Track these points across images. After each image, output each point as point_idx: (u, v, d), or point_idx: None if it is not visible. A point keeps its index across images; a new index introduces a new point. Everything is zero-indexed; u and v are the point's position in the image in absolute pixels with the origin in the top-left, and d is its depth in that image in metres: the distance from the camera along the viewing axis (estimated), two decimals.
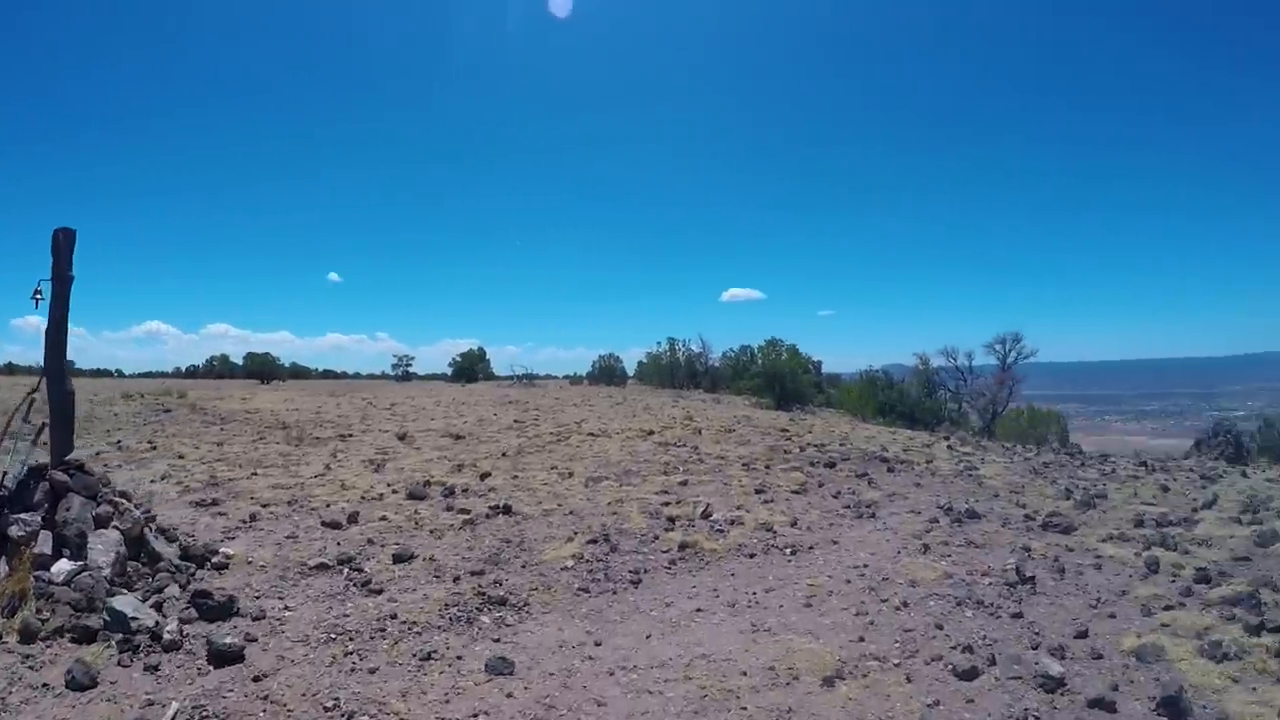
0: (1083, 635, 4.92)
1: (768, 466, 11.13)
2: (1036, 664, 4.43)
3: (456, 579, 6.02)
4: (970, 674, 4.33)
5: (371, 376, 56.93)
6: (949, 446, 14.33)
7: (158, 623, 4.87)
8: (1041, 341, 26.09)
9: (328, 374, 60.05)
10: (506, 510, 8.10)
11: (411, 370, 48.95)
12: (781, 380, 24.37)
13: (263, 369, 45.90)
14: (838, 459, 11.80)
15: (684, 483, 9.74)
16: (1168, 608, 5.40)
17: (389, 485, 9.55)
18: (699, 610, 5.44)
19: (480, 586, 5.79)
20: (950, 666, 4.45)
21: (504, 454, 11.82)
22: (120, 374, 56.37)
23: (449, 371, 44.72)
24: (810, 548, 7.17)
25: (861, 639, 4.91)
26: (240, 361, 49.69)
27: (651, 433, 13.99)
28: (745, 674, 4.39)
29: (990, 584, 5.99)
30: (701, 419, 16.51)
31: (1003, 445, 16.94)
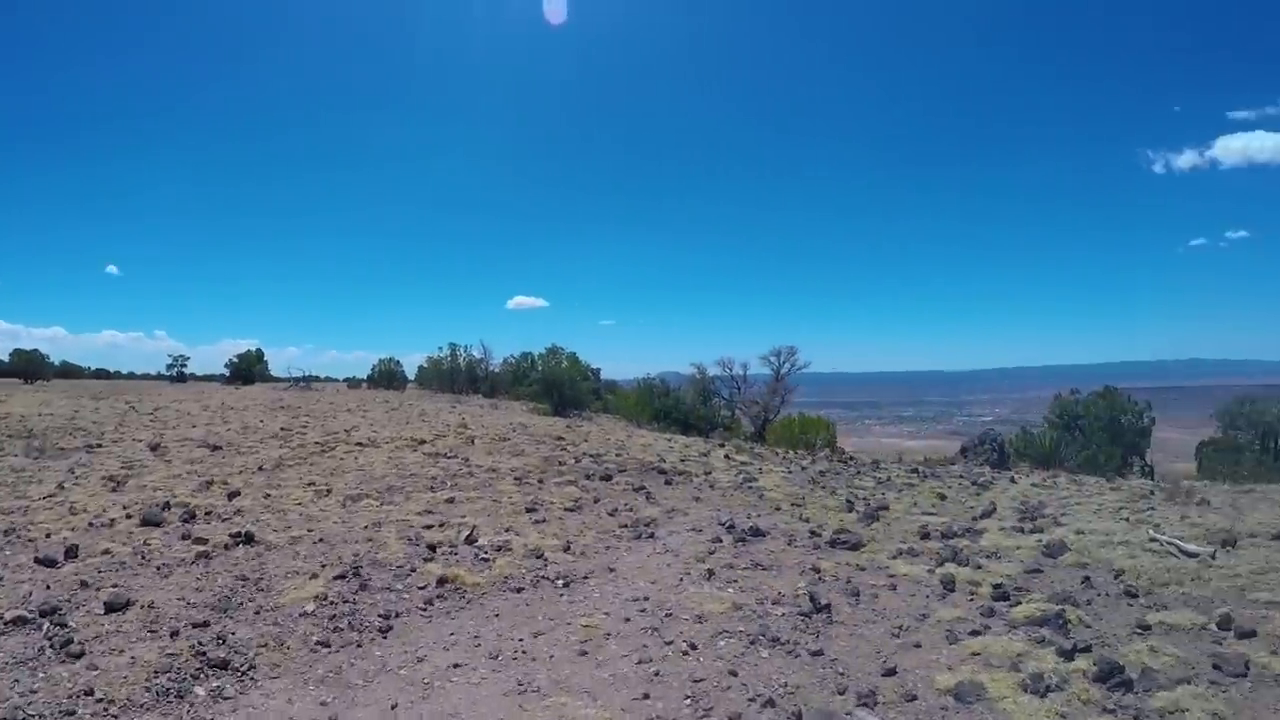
0: (891, 673, 4.65)
1: (541, 481, 10.89)
2: (848, 715, 4.01)
3: (175, 633, 5.34)
4: None
5: (146, 377, 57.01)
6: (726, 456, 14.45)
7: None
8: (809, 354, 28.24)
9: (100, 374, 58.61)
10: (248, 539, 7.51)
11: (187, 371, 48.97)
12: (560, 387, 25.85)
13: (28, 367, 44.02)
14: (614, 470, 11.60)
15: (451, 500, 9.51)
16: (974, 633, 5.33)
17: (124, 509, 8.77)
18: (456, 665, 4.98)
19: (201, 644, 5.15)
20: None
21: (261, 468, 11.44)
22: None
23: (226, 373, 45.32)
24: (585, 577, 6.58)
25: (646, 696, 4.35)
26: (5, 358, 47.33)
27: (423, 442, 14.01)
28: None
29: (784, 615, 5.66)
30: (476, 426, 16.75)
31: (775, 451, 17.48)
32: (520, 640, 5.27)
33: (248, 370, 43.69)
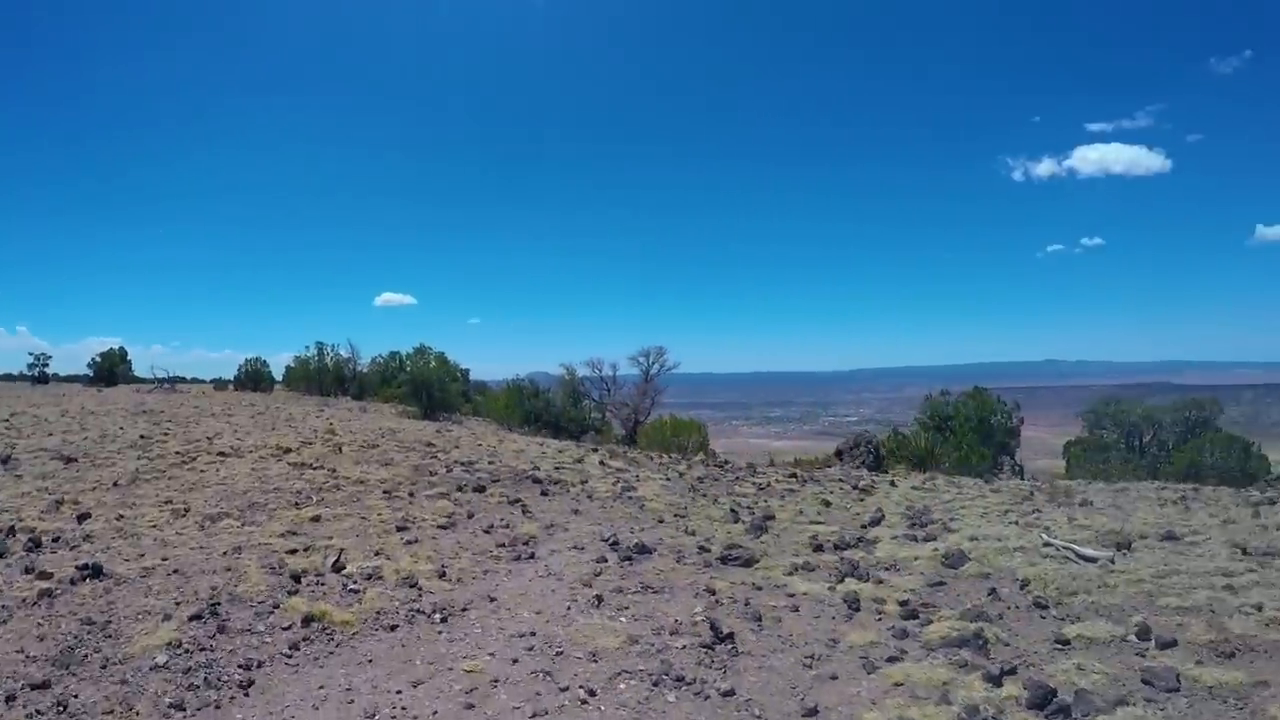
0: (813, 714, 4.29)
1: (411, 494, 10.32)
2: None
3: (11, 698, 4.74)
4: None
5: (7, 378, 50.23)
6: (601, 463, 14.01)
7: None
8: (678, 355, 28.68)
9: None
10: (96, 572, 6.79)
11: (49, 371, 45.61)
12: (429, 388, 26.02)
13: None
14: (487, 481, 11.20)
15: (317, 518, 8.91)
16: (891, 659, 5.12)
17: None
18: None
19: (38, 712, 4.57)
20: None
21: (116, 483, 10.68)
22: None
23: (90, 373, 42.84)
24: (464, 609, 6.02)
25: None
26: None
27: (288, 451, 13.37)
28: None
29: (684, 647, 5.25)
30: (344, 432, 16.28)
31: (649, 456, 17.22)
32: (398, 693, 4.74)
33: (111, 370, 41.24)
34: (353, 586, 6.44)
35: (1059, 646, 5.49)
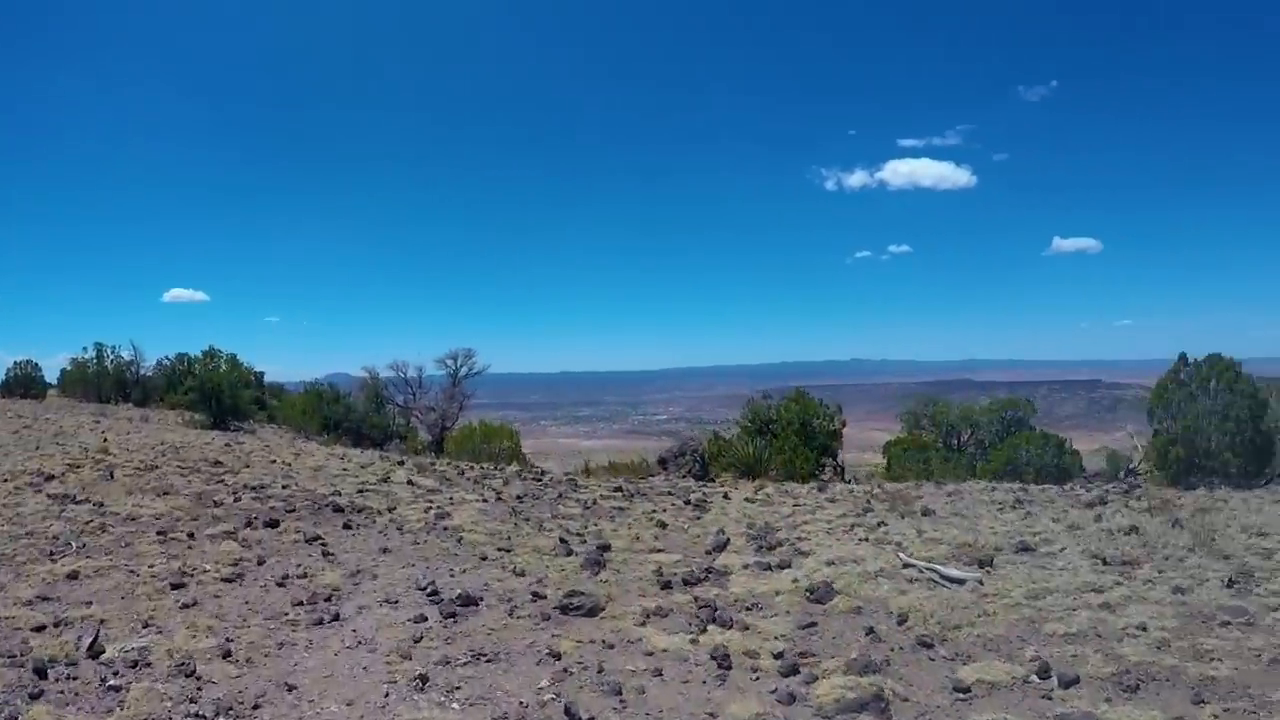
0: None
1: (192, 534, 8.77)
2: None
3: None
4: None
5: None
6: (410, 481, 12.78)
7: None
8: (484, 354, 28.50)
9: None
10: None
11: None
12: (218, 395, 25.21)
13: None
14: (282, 510, 9.97)
15: (74, 575, 7.27)
16: None
17: None
18: None
19: None
20: None
21: None
22: None
23: None
24: (255, 705, 4.74)
25: None
26: None
27: (50, 478, 11.64)
28: None
29: None
30: (120, 451, 14.58)
31: (459, 468, 16.13)
32: None
33: None
34: (113, 681, 4.98)
35: (961, 697, 4.98)
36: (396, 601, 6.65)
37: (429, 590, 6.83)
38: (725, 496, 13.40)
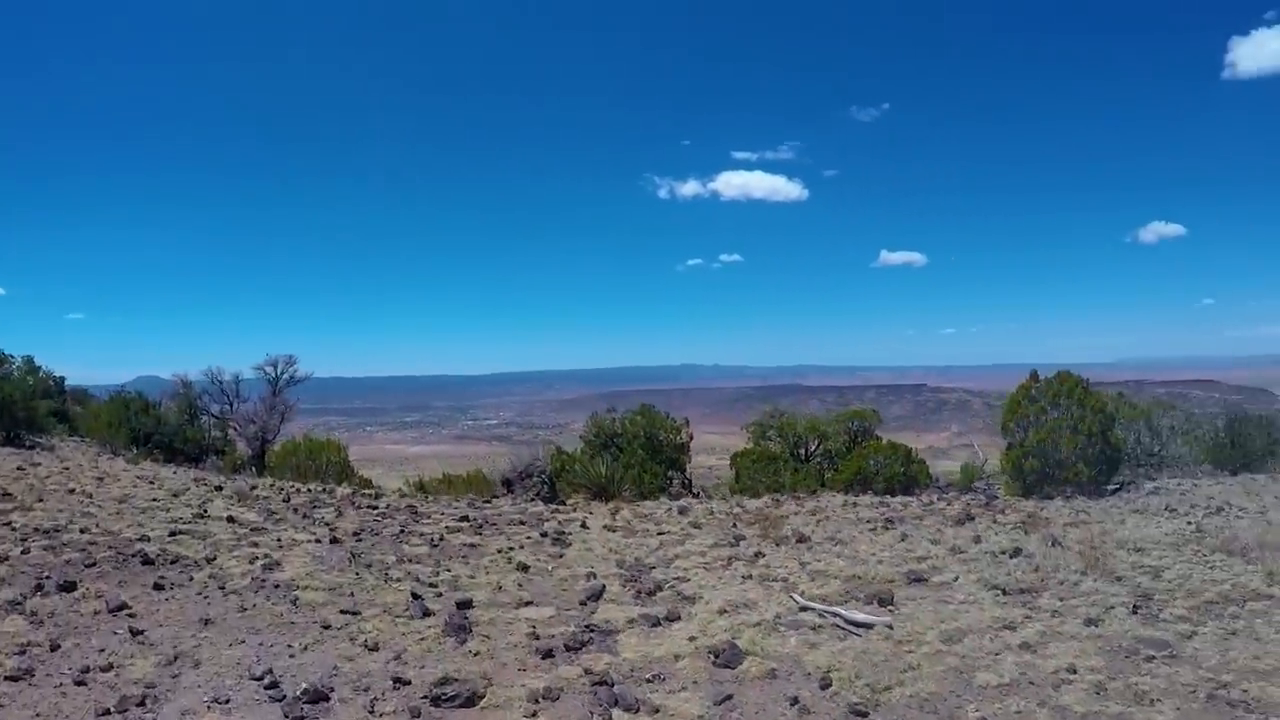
0: None
1: None
2: None
3: None
4: None
5: None
6: (230, 517, 11.16)
7: None
8: (304, 357, 26.48)
9: None
10: None
11: None
12: (10, 407, 22.17)
13: None
14: (80, 565, 8.21)
15: None
16: None
17: None
18: None
19: None
20: None
21: None
22: None
23: None
24: None
25: None
26: None
27: None
28: None
29: None
30: None
31: (284, 493, 14.55)
32: None
33: None
34: None
35: None
36: (228, 701, 5.26)
37: (266, 681, 5.48)
38: (583, 525, 12.37)
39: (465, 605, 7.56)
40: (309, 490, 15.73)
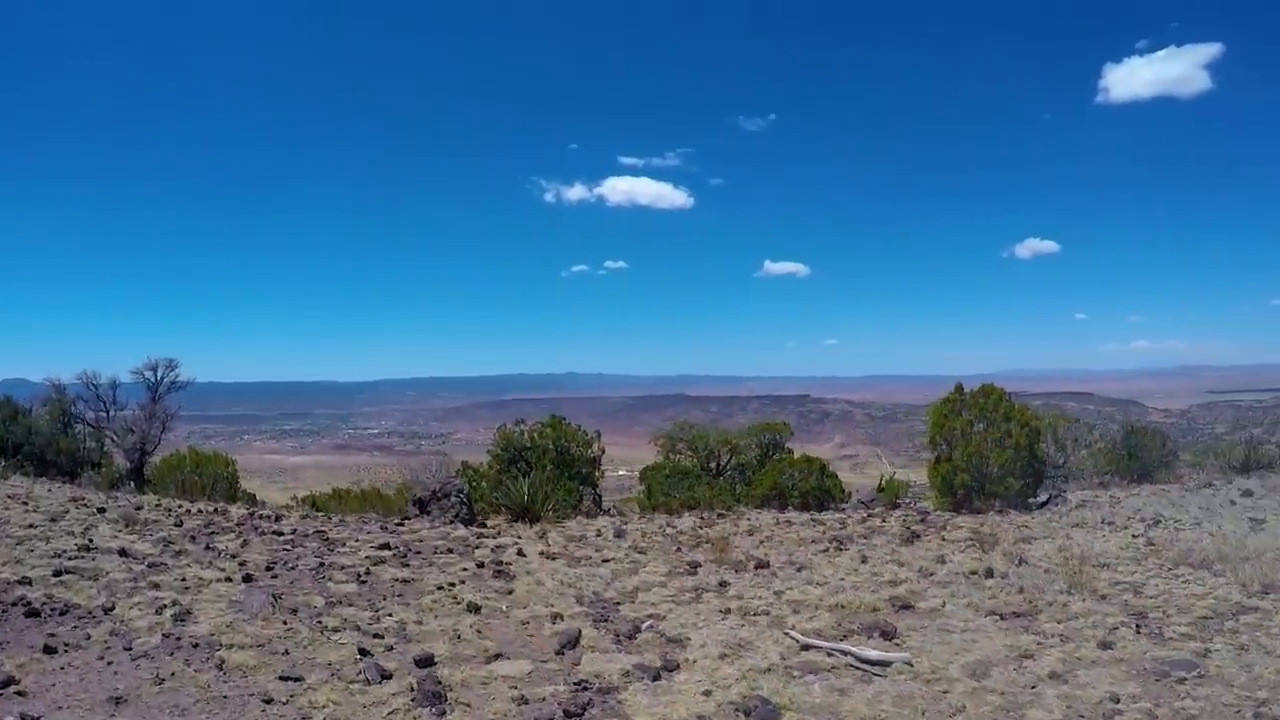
0: None
1: None
2: None
3: None
4: None
5: None
6: (123, 550, 9.64)
7: None
8: (180, 360, 24.95)
9: None
10: None
11: None
12: None
13: None
14: None
15: None
16: None
17: None
18: None
19: None
20: None
21: None
22: None
23: None
24: None
25: None
26: None
27: None
28: None
29: None
30: None
31: (170, 511, 13.21)
32: None
33: None
34: None
35: None
36: None
37: None
38: (520, 553, 11.20)
39: (426, 662, 6.38)
40: (200, 511, 14.14)
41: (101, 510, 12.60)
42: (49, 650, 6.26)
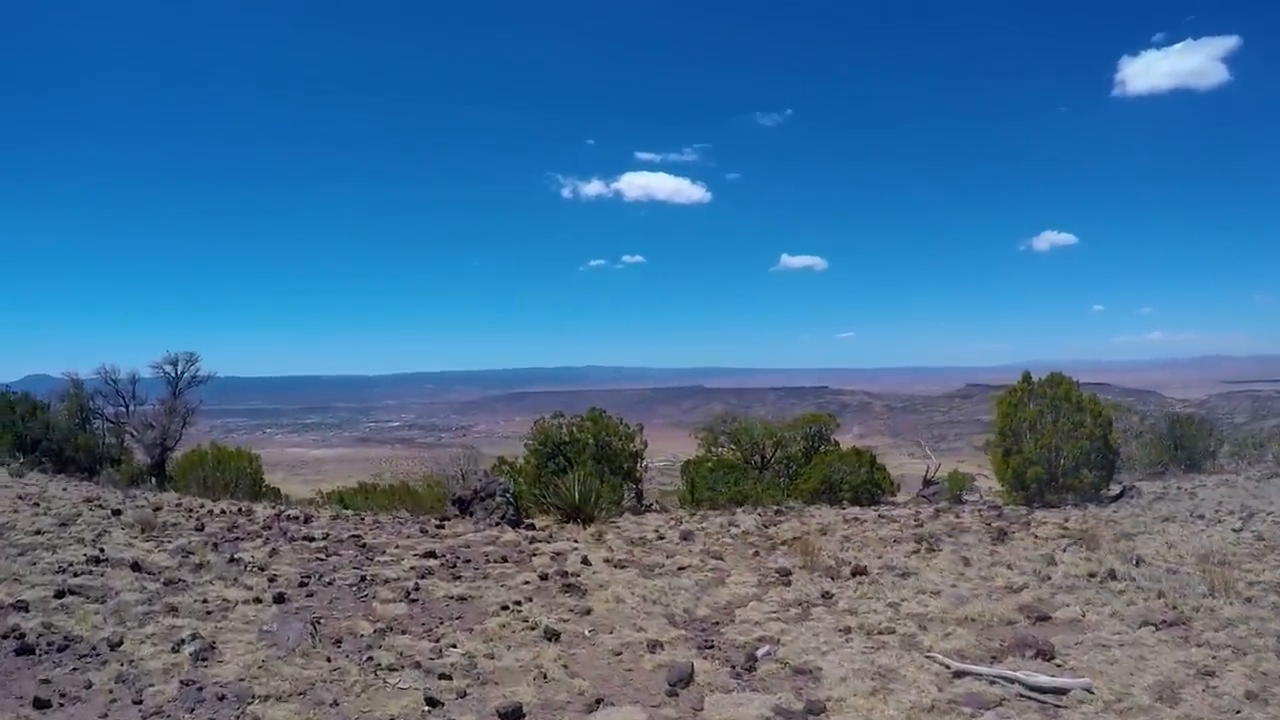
0: None
1: None
2: None
3: None
4: None
5: None
6: (136, 563, 8.38)
7: None
8: (203, 356, 24.09)
9: None
10: None
11: None
12: None
13: None
14: None
15: None
16: None
17: None
18: None
19: None
20: None
21: None
22: None
23: None
24: None
25: None
26: None
27: None
28: None
29: None
30: None
31: (190, 511, 12.19)
32: None
33: None
34: None
35: None
36: None
37: None
38: (584, 561, 9.85)
39: (514, 715, 5.06)
40: (223, 512, 12.87)
41: (117, 512, 11.38)
42: (40, 704, 4.95)
